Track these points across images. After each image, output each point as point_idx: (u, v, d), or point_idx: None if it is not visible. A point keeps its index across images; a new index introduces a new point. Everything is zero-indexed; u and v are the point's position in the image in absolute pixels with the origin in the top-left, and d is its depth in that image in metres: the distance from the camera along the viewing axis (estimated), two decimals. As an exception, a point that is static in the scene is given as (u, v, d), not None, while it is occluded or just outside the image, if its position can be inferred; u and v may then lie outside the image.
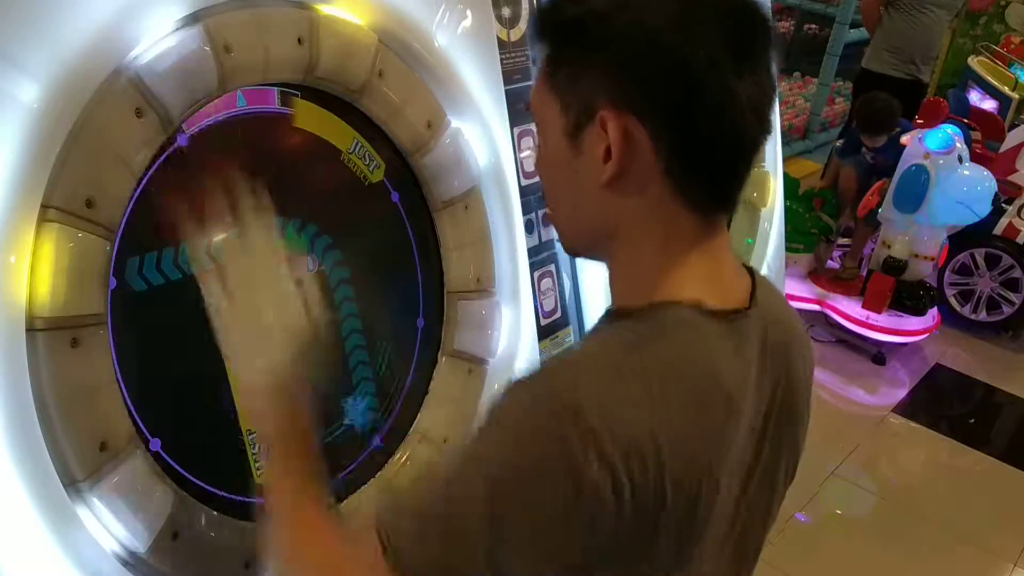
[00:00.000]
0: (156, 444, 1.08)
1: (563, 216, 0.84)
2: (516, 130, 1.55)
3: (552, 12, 0.77)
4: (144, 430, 1.07)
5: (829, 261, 4.16)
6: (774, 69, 0.76)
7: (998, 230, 4.14)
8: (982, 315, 4.29)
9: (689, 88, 0.71)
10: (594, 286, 1.75)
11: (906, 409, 3.71)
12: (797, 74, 6.52)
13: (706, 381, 0.74)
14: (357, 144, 1.33)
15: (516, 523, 0.68)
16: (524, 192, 1.57)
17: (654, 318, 0.75)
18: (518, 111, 1.56)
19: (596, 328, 0.81)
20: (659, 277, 0.77)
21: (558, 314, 1.75)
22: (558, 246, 1.66)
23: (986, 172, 3.83)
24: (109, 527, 1.00)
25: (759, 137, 0.75)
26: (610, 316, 0.81)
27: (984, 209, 3.77)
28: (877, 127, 3.90)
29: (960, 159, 3.77)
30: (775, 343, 0.83)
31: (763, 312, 0.81)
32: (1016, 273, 4.15)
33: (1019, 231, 4.11)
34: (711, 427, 0.74)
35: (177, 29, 1.04)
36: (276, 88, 1.21)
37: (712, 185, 0.76)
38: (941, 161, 3.73)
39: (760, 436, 0.81)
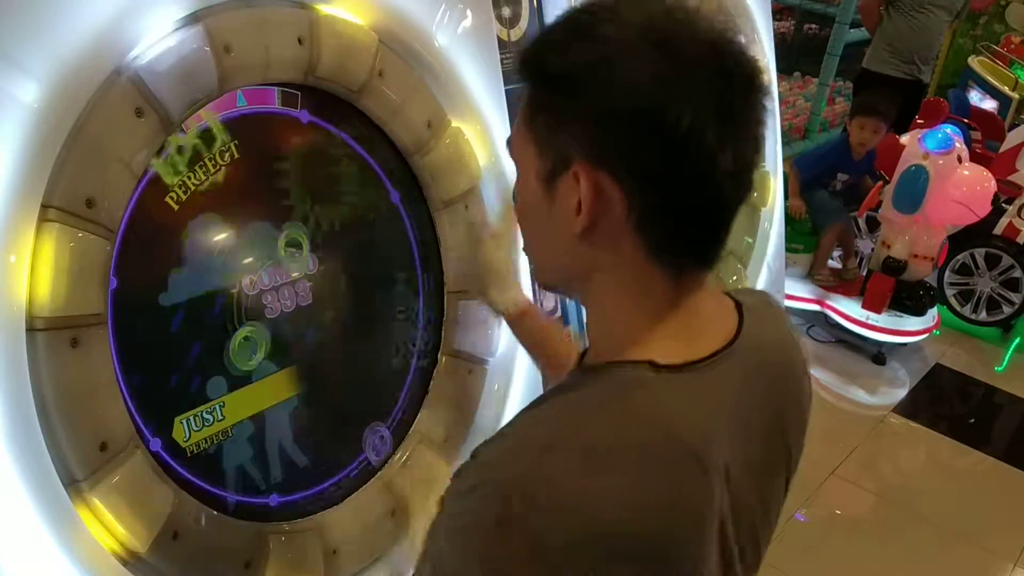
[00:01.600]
0: (156, 444, 1.08)
1: (537, 254, 0.83)
2: (516, 130, 1.55)
3: (534, 59, 0.75)
4: (144, 430, 1.07)
5: (829, 261, 4.17)
6: (761, 129, 0.72)
7: (998, 230, 4.14)
8: (982, 315, 4.29)
9: (667, 154, 0.68)
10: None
11: (906, 409, 3.70)
12: (797, 74, 6.51)
13: (663, 441, 0.70)
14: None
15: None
16: (524, 192, 1.57)
17: (609, 380, 0.73)
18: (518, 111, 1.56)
19: (562, 382, 0.79)
20: (629, 335, 0.76)
21: (558, 313, 1.75)
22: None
23: (986, 172, 3.83)
24: (109, 527, 1.00)
25: (737, 202, 0.73)
26: (578, 372, 0.80)
27: (984, 209, 3.77)
28: (871, 108, 3.89)
29: (960, 159, 3.77)
30: (767, 371, 0.82)
31: (751, 343, 0.80)
32: (1016, 273, 4.15)
33: (1019, 231, 4.11)
34: (675, 488, 0.70)
35: (177, 29, 1.04)
36: (276, 88, 1.21)
37: (687, 247, 0.74)
38: (941, 161, 3.73)
39: (746, 483, 0.78)
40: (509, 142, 0.80)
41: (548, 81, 0.73)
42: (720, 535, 0.75)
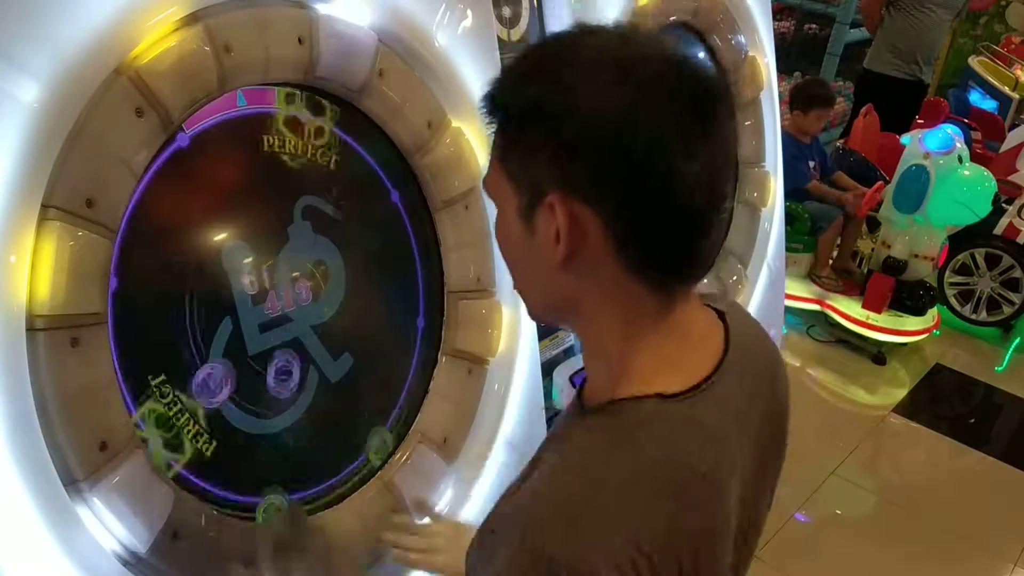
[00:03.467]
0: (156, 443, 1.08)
1: (525, 289, 0.84)
2: (516, 130, 1.55)
3: (498, 98, 0.76)
4: (144, 429, 1.07)
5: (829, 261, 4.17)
6: (730, 137, 0.74)
7: (998, 230, 4.14)
8: (982, 315, 4.29)
9: (633, 174, 0.69)
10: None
11: (906, 409, 3.71)
12: (797, 74, 6.51)
13: (677, 472, 0.73)
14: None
15: None
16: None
17: (618, 419, 0.75)
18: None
19: (567, 428, 0.81)
20: (622, 365, 0.77)
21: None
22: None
23: (986, 172, 3.83)
24: (109, 527, 1.00)
25: (713, 212, 0.74)
26: (580, 413, 0.81)
27: (984, 209, 3.78)
28: (828, 99, 3.99)
29: (960, 159, 3.77)
30: (756, 380, 0.84)
31: (738, 348, 0.82)
32: (1016, 273, 4.15)
33: (1019, 231, 4.11)
34: (693, 514, 0.73)
35: (177, 29, 1.04)
36: (276, 88, 1.21)
37: (668, 263, 0.75)
38: (941, 161, 3.74)
39: (750, 477, 0.81)
40: (485, 182, 0.81)
41: (514, 118, 0.75)
42: (737, 530, 0.79)
